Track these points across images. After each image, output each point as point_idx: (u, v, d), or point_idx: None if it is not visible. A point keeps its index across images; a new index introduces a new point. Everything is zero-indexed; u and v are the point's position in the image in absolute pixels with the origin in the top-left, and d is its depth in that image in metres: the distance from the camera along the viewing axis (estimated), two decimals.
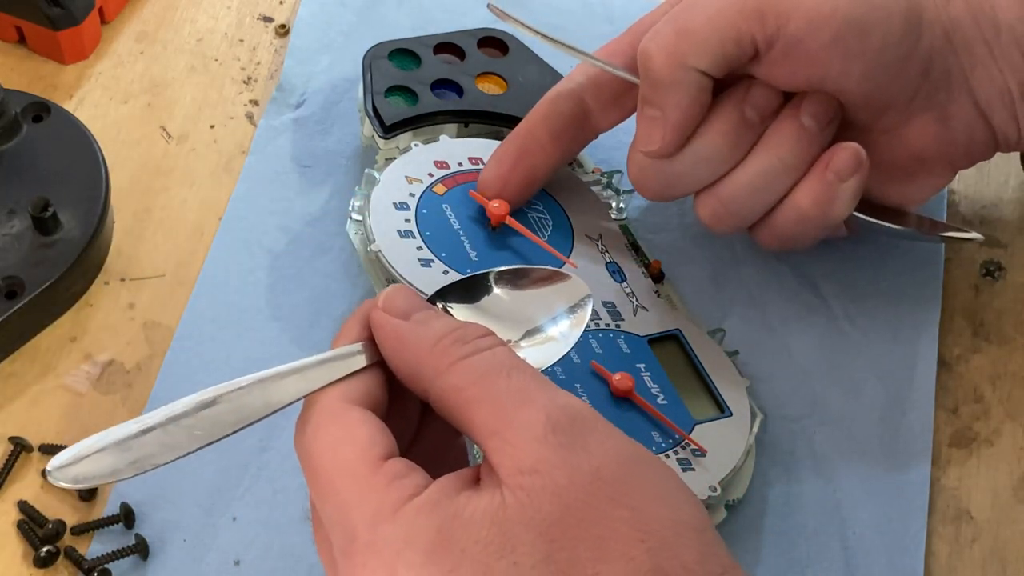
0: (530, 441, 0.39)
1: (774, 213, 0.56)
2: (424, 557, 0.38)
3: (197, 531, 0.53)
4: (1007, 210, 0.64)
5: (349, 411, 0.41)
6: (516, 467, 0.39)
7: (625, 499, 0.38)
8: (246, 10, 0.70)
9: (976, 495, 0.56)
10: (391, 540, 0.38)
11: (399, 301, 0.44)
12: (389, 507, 0.39)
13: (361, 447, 0.40)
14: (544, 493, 0.38)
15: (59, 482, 0.40)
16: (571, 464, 0.39)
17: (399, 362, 0.43)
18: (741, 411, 0.54)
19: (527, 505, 0.38)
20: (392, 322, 0.43)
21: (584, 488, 0.38)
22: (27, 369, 0.57)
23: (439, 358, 0.41)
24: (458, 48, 0.63)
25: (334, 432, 0.41)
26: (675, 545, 0.38)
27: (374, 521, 0.39)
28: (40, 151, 0.60)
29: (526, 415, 0.39)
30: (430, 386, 0.41)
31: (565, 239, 0.57)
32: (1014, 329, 0.60)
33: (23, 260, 0.57)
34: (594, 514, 0.38)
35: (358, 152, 0.64)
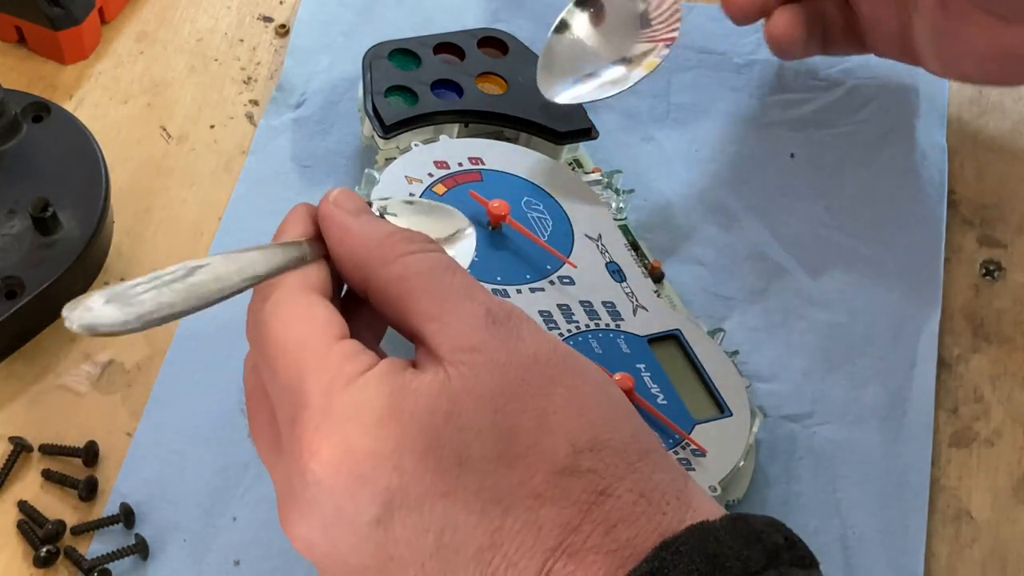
0: (471, 325, 0.41)
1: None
2: (375, 421, 0.40)
3: (197, 531, 0.53)
4: (1007, 210, 0.64)
5: (308, 294, 0.43)
6: (457, 345, 0.41)
7: (561, 379, 0.41)
8: (246, 10, 0.70)
9: (976, 495, 0.56)
10: (345, 406, 0.40)
11: (348, 201, 0.45)
12: (344, 378, 0.40)
13: (320, 325, 0.42)
14: (485, 368, 0.40)
15: (74, 325, 0.41)
16: (509, 347, 0.41)
17: (345, 251, 0.44)
18: (741, 411, 0.54)
19: (469, 377, 0.40)
20: (341, 214, 0.45)
21: (523, 367, 0.41)
22: (27, 369, 0.57)
23: (387, 250, 0.43)
24: (458, 48, 0.63)
25: (294, 310, 0.42)
26: (611, 421, 0.41)
27: (329, 389, 0.40)
28: (40, 151, 0.60)
29: (467, 306, 0.42)
30: (373, 275, 0.43)
31: (565, 239, 0.57)
32: (1014, 329, 0.60)
33: (23, 260, 0.57)
34: (533, 390, 0.40)
35: (358, 152, 0.64)
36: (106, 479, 0.54)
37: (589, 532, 0.39)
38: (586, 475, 0.40)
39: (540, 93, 0.60)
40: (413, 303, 0.42)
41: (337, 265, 0.45)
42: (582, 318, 0.54)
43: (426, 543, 0.40)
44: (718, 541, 0.38)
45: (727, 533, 0.39)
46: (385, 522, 0.40)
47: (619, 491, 0.40)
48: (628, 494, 0.40)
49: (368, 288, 0.44)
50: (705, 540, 0.38)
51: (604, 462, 0.40)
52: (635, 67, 0.56)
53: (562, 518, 0.39)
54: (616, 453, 0.40)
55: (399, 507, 0.40)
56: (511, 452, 0.40)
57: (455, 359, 0.41)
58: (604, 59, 0.57)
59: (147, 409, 0.56)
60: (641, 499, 0.40)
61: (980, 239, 0.63)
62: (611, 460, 0.40)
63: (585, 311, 0.55)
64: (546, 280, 0.55)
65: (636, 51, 0.56)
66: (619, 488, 0.40)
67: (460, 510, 0.39)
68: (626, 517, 0.39)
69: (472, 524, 0.39)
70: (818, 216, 0.63)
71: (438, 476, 0.39)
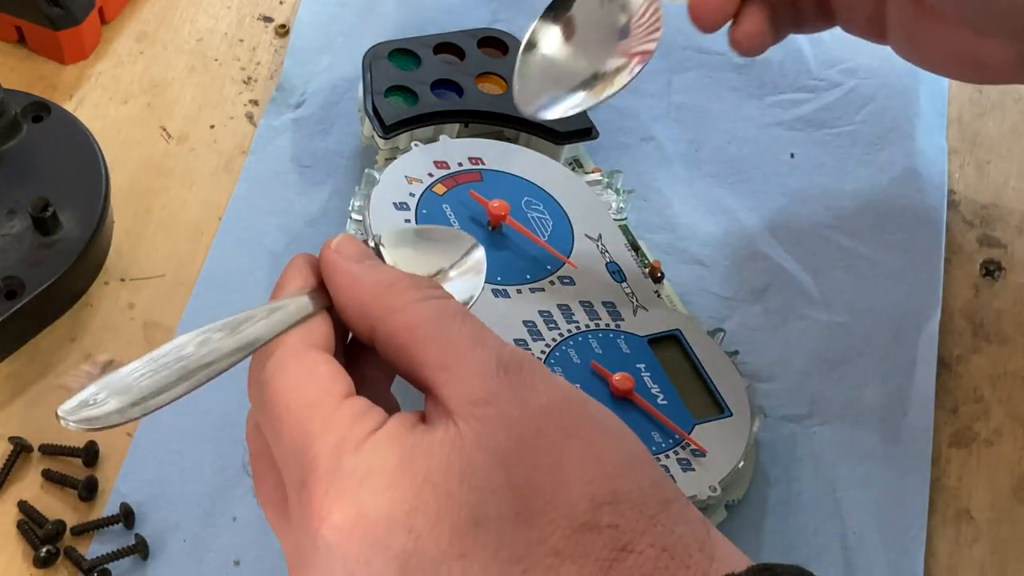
0: (481, 376, 0.40)
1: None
2: (388, 483, 0.38)
3: (197, 531, 0.53)
4: (1007, 210, 0.64)
5: (310, 351, 0.42)
6: (468, 399, 0.39)
7: (575, 430, 0.40)
8: (246, 10, 0.70)
9: (976, 495, 0.56)
10: (355, 469, 0.39)
11: (351, 247, 0.44)
12: (353, 440, 0.39)
13: (324, 384, 0.41)
14: (497, 422, 0.39)
15: (70, 425, 0.40)
16: (521, 398, 0.40)
17: (350, 300, 0.43)
18: (741, 411, 0.54)
19: (481, 434, 0.39)
20: (345, 262, 0.43)
21: (535, 420, 0.39)
22: (27, 369, 0.57)
23: (393, 298, 0.42)
24: (458, 48, 0.63)
25: (297, 370, 0.41)
26: (630, 472, 0.40)
27: (337, 452, 0.39)
28: (40, 151, 0.60)
29: (477, 355, 0.40)
30: (380, 324, 0.42)
31: (565, 239, 0.57)
32: (1014, 329, 0.60)
33: (23, 260, 0.57)
34: (547, 443, 0.39)
35: (358, 152, 0.64)
36: (106, 479, 0.54)
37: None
38: (606, 531, 0.39)
39: None
40: (421, 353, 0.41)
41: (341, 315, 0.43)
42: (582, 318, 0.54)
43: None
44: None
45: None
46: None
47: (641, 546, 0.39)
48: (650, 549, 0.39)
49: (375, 337, 0.42)
50: None
51: (624, 516, 0.39)
52: (608, 82, 0.54)
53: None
54: (636, 506, 0.39)
55: (415, 571, 0.38)
56: (528, 509, 0.39)
57: (466, 413, 0.39)
58: (579, 75, 0.54)
59: None
60: (664, 553, 0.39)
61: (980, 239, 0.63)
62: (631, 514, 0.39)
63: (585, 311, 0.55)
64: (546, 280, 0.55)
65: (610, 66, 0.54)
66: (641, 543, 0.39)
67: (478, 571, 0.38)
68: (649, 573, 0.38)
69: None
70: (818, 216, 0.63)
71: (454, 537, 0.38)
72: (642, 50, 0.54)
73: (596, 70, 0.54)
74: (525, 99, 0.53)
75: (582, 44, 0.54)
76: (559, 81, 0.54)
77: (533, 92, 0.54)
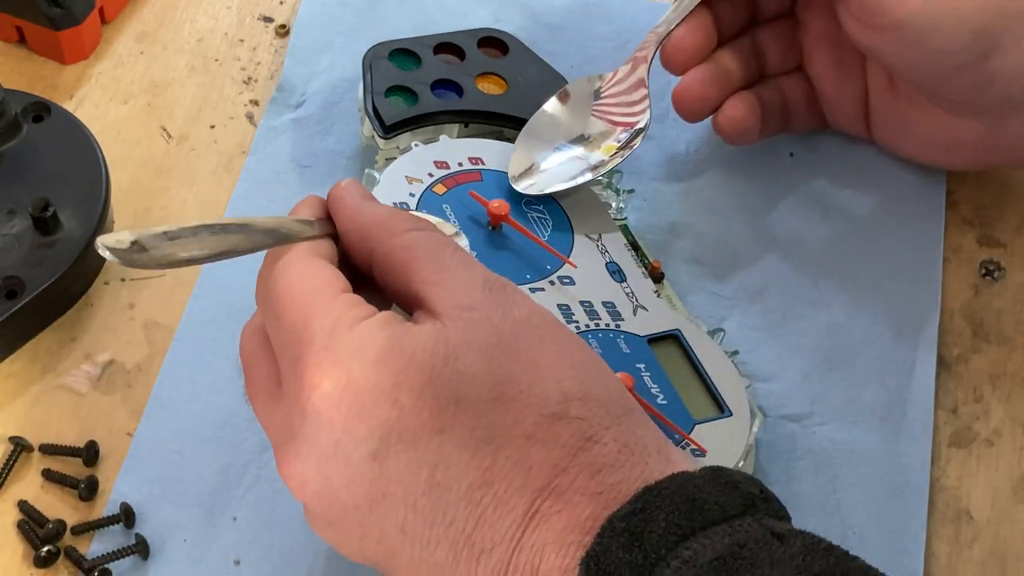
0: (469, 288, 0.44)
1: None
2: (376, 357, 0.42)
3: (197, 531, 0.53)
4: (1007, 210, 0.64)
5: (315, 257, 0.46)
6: (455, 304, 0.43)
7: (551, 338, 0.44)
8: (246, 10, 0.70)
9: (976, 495, 0.56)
10: (347, 343, 0.42)
11: (356, 187, 0.49)
12: (347, 320, 0.43)
13: (326, 279, 0.44)
14: (481, 324, 0.43)
15: (105, 252, 0.43)
16: (503, 309, 0.44)
17: (353, 227, 0.47)
18: (741, 411, 0.54)
19: (466, 330, 0.43)
20: (351, 196, 0.48)
21: (515, 326, 0.43)
22: (27, 369, 0.57)
23: (392, 225, 0.46)
24: (458, 48, 0.63)
25: (302, 268, 0.45)
26: (596, 379, 0.44)
27: (333, 329, 0.42)
28: (40, 151, 0.60)
29: (465, 273, 0.45)
30: (379, 246, 0.46)
31: (565, 239, 0.57)
32: (1014, 329, 0.60)
33: (23, 260, 0.57)
34: (525, 344, 0.43)
35: (358, 152, 0.64)
36: (106, 479, 0.54)
37: (576, 475, 0.41)
38: (574, 421, 0.42)
39: (540, 94, 0.60)
40: (416, 269, 0.45)
41: (344, 240, 0.47)
42: (582, 318, 0.54)
43: (419, 480, 0.41)
44: (698, 487, 0.40)
45: (706, 481, 0.41)
46: (381, 457, 0.41)
47: (605, 439, 0.42)
48: (613, 443, 0.42)
49: (373, 258, 0.46)
50: (686, 485, 0.40)
51: (592, 412, 0.42)
52: (594, 148, 0.58)
53: (551, 459, 0.41)
54: (603, 405, 0.43)
55: (396, 442, 0.41)
56: (505, 395, 0.42)
57: (452, 315, 0.43)
58: (564, 136, 0.59)
59: (147, 409, 0.56)
60: (625, 448, 0.42)
61: (980, 239, 0.63)
62: (598, 411, 0.43)
63: (585, 311, 0.55)
64: (546, 280, 0.55)
65: (593, 129, 0.58)
66: (605, 436, 0.42)
67: (454, 447, 0.41)
68: (611, 463, 0.41)
69: (465, 461, 0.41)
70: (818, 216, 0.63)
71: (435, 412, 0.41)
72: (626, 121, 0.58)
73: (582, 132, 0.59)
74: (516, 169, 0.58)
75: (572, 108, 0.60)
76: (548, 142, 0.59)
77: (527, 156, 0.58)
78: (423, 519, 0.42)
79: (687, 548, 0.38)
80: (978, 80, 0.56)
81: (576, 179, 0.57)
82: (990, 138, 0.59)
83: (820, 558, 0.38)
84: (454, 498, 0.41)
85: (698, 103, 0.60)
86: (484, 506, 0.41)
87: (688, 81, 0.60)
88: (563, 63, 0.66)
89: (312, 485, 0.43)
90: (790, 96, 0.63)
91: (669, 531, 0.39)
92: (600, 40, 0.69)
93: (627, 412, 0.43)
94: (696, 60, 0.60)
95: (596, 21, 0.70)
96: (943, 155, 0.62)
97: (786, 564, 0.38)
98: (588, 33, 0.69)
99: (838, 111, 0.63)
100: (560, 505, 0.41)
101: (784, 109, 0.63)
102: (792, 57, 0.63)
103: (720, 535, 0.39)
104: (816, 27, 0.62)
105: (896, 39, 0.56)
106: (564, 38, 0.69)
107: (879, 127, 0.63)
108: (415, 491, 0.41)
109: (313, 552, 0.52)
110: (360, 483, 0.42)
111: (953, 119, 0.59)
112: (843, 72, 0.62)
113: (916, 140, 0.62)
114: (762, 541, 0.39)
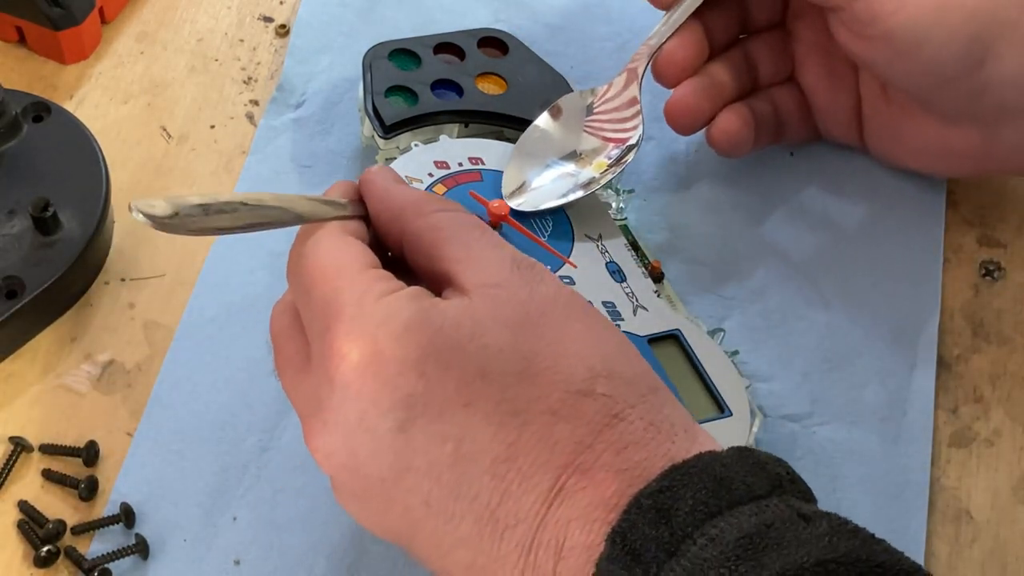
0: (497, 266, 0.44)
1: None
2: (404, 328, 0.42)
3: (197, 531, 0.53)
4: (1007, 210, 0.64)
5: (345, 235, 0.46)
6: (483, 281, 0.44)
7: (578, 316, 0.44)
8: (246, 10, 0.70)
9: (976, 495, 0.56)
10: (375, 314, 0.42)
11: (387, 172, 0.49)
12: (376, 292, 0.43)
13: (355, 255, 0.45)
14: (508, 300, 0.43)
15: (139, 215, 0.43)
16: (531, 287, 0.44)
17: (384, 208, 0.48)
18: (741, 411, 0.54)
19: (493, 306, 0.43)
20: (382, 179, 0.49)
21: (542, 304, 0.43)
22: (27, 369, 0.57)
23: (422, 206, 0.47)
24: (458, 48, 0.63)
25: (333, 244, 0.45)
26: (624, 357, 0.44)
27: (361, 301, 0.43)
28: (40, 151, 0.60)
29: (494, 253, 0.45)
30: (409, 226, 0.46)
31: (565, 239, 0.57)
32: (1014, 329, 0.60)
33: (23, 260, 0.57)
34: (551, 321, 0.43)
35: (358, 152, 0.64)
36: (106, 479, 0.54)
37: (601, 451, 0.41)
38: (600, 398, 0.42)
39: (540, 93, 0.60)
40: (445, 248, 0.45)
41: (375, 221, 0.48)
42: None
43: (444, 453, 0.41)
44: (725, 466, 0.40)
45: (734, 461, 0.40)
46: (407, 429, 0.41)
47: (631, 417, 0.42)
48: (639, 421, 0.42)
49: (403, 238, 0.47)
50: (713, 464, 0.40)
51: (618, 389, 0.42)
52: (585, 165, 0.58)
53: (576, 436, 0.41)
54: (628, 383, 0.42)
55: (421, 414, 0.41)
56: (531, 370, 0.42)
57: (480, 292, 0.43)
58: (556, 152, 0.59)
59: (147, 409, 0.56)
60: (651, 426, 0.42)
61: (980, 239, 0.63)
62: (624, 389, 0.42)
63: None
64: None
65: (585, 146, 0.58)
66: (631, 415, 0.42)
67: (480, 420, 0.41)
68: (637, 440, 0.41)
69: (490, 435, 0.41)
70: (818, 216, 0.63)
71: (461, 385, 0.41)
72: (617, 137, 0.58)
73: (574, 148, 0.59)
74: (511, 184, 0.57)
75: (564, 125, 0.59)
76: (540, 158, 0.58)
77: (520, 173, 0.58)
78: (448, 492, 0.42)
79: (714, 526, 0.38)
80: (972, 88, 0.56)
81: (567, 196, 0.57)
82: (985, 146, 0.59)
83: (846, 539, 0.38)
84: (479, 472, 0.41)
85: (690, 116, 0.60)
86: (509, 481, 0.41)
87: (680, 94, 0.60)
88: (563, 63, 0.66)
89: (338, 457, 0.43)
90: (783, 107, 0.63)
91: (696, 509, 0.39)
92: (600, 40, 0.69)
93: (653, 391, 0.43)
94: (688, 73, 0.60)
95: (596, 21, 0.70)
96: (938, 164, 0.62)
97: (812, 544, 0.38)
98: (588, 33, 0.69)
99: (831, 121, 0.63)
100: (585, 481, 0.41)
101: (777, 120, 0.63)
102: (784, 68, 0.63)
103: (747, 514, 0.39)
104: (807, 37, 0.62)
105: (888, 49, 0.56)
106: (564, 38, 0.69)
107: (872, 137, 0.63)
108: (440, 464, 0.41)
109: (313, 552, 0.52)
110: (385, 455, 0.42)
111: (947, 128, 0.59)
112: (835, 82, 0.62)
113: (910, 149, 0.62)
114: (789, 521, 0.38)
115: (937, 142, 0.60)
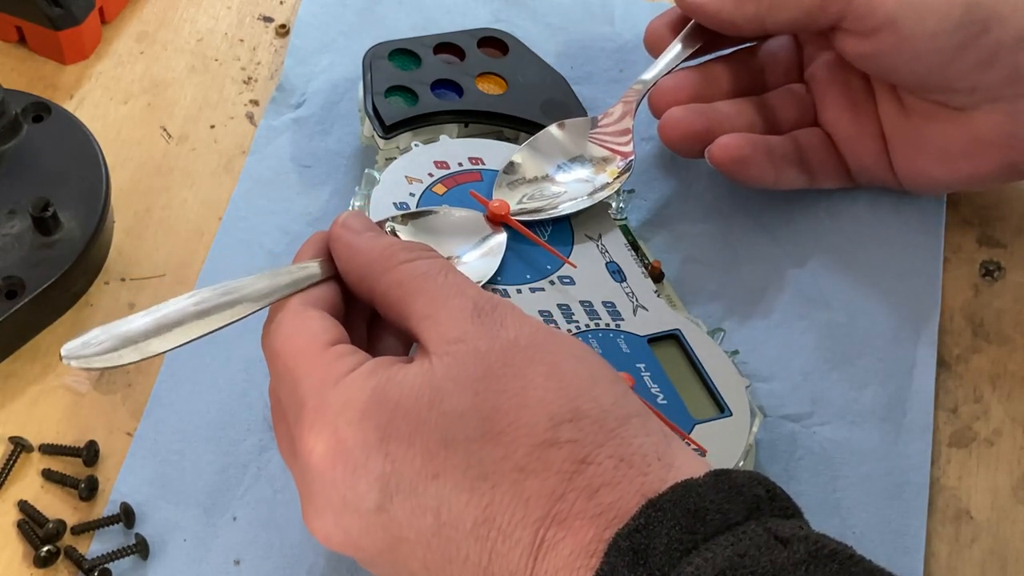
0: (458, 319, 0.44)
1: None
2: (361, 413, 0.43)
3: (197, 531, 0.53)
4: (1007, 210, 0.64)
5: (307, 310, 0.46)
6: (443, 338, 0.44)
7: (542, 357, 0.44)
8: (246, 10, 0.70)
9: (976, 495, 0.56)
10: (333, 402, 0.43)
11: (354, 221, 0.49)
12: (332, 378, 0.44)
13: (313, 334, 0.45)
14: (468, 356, 0.43)
15: (71, 362, 0.44)
16: (491, 334, 0.44)
17: (351, 266, 0.48)
18: (741, 411, 0.54)
19: (452, 366, 0.43)
20: (348, 234, 0.48)
21: (503, 352, 0.43)
22: (27, 369, 0.57)
23: (386, 260, 0.47)
24: (458, 48, 0.63)
25: (292, 325, 0.46)
26: (591, 390, 0.43)
27: (320, 389, 0.43)
28: (40, 151, 0.60)
29: (456, 302, 0.45)
30: (376, 283, 0.47)
31: (565, 239, 0.57)
32: (1014, 329, 0.60)
33: (23, 260, 0.57)
34: (513, 371, 0.43)
35: (358, 152, 0.64)
36: (106, 479, 0.54)
37: (574, 500, 0.41)
38: (566, 446, 0.42)
39: (540, 93, 0.60)
40: (410, 304, 0.46)
41: (345, 280, 0.48)
42: (582, 318, 0.54)
43: (427, 523, 0.42)
44: (699, 496, 0.40)
45: (708, 489, 0.40)
46: (386, 507, 0.42)
47: (599, 458, 0.42)
48: (608, 460, 0.42)
49: (373, 296, 0.47)
50: (687, 496, 0.40)
51: (583, 431, 0.42)
52: (600, 171, 0.59)
53: (547, 488, 0.41)
54: (595, 422, 0.42)
55: (396, 491, 0.42)
56: (493, 430, 0.42)
57: (441, 351, 0.44)
58: (563, 156, 0.59)
59: (147, 409, 0.56)
60: (622, 463, 0.42)
61: (980, 239, 0.63)
62: (590, 429, 0.42)
63: (585, 311, 0.55)
64: (546, 280, 0.55)
65: (591, 153, 0.59)
66: (599, 455, 0.42)
67: (451, 489, 0.42)
68: (608, 482, 0.41)
69: (464, 502, 0.42)
70: (818, 216, 0.63)
71: (427, 458, 0.42)
72: (620, 151, 0.59)
73: (580, 153, 0.59)
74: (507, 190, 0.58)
75: (569, 133, 0.60)
76: (548, 164, 0.59)
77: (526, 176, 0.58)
78: (440, 556, 0.42)
79: (689, 563, 0.39)
80: (981, 57, 0.56)
81: (578, 203, 0.58)
82: (1008, 126, 0.58)
83: (823, 565, 0.38)
84: (463, 536, 0.42)
85: (679, 130, 0.60)
86: (492, 540, 0.41)
87: (671, 110, 0.60)
88: (563, 63, 0.66)
89: (336, 537, 0.44)
90: (806, 144, 0.62)
91: (672, 547, 0.39)
92: (600, 40, 0.69)
93: (624, 422, 0.43)
94: (679, 102, 0.61)
95: (596, 21, 0.70)
96: (967, 164, 0.60)
97: (788, 573, 0.38)
98: (588, 33, 0.69)
99: (858, 151, 0.62)
100: (563, 532, 0.41)
101: (800, 157, 0.61)
102: (807, 115, 0.63)
103: (722, 546, 0.39)
104: (822, 76, 0.62)
105: (892, 35, 0.56)
106: (564, 38, 0.69)
107: (898, 155, 0.61)
108: (426, 533, 0.42)
109: (313, 552, 0.52)
110: (375, 532, 0.43)
111: (968, 117, 0.58)
112: (855, 112, 0.61)
113: (937, 154, 0.60)
114: (764, 547, 0.39)
115: (961, 136, 0.59)
